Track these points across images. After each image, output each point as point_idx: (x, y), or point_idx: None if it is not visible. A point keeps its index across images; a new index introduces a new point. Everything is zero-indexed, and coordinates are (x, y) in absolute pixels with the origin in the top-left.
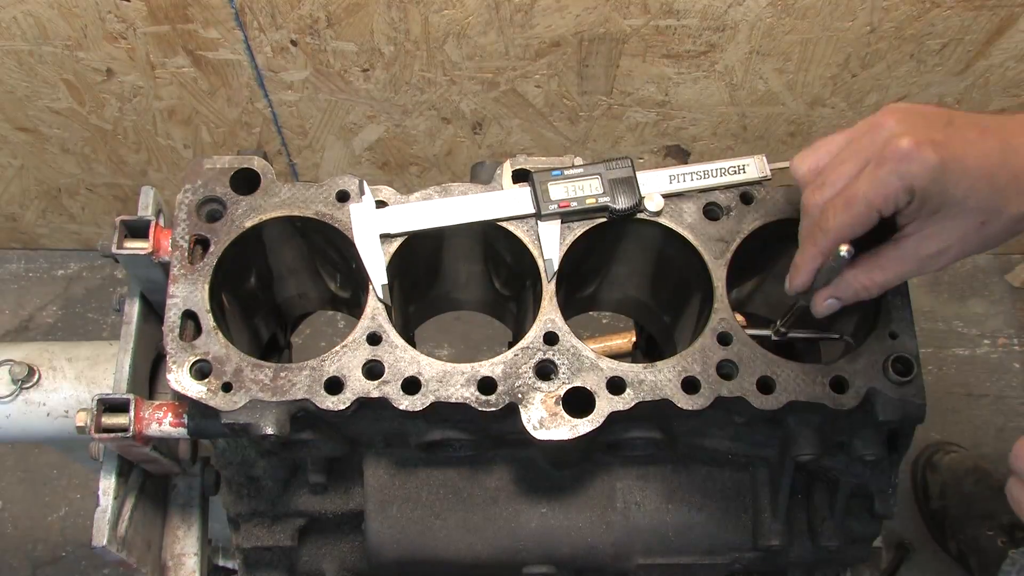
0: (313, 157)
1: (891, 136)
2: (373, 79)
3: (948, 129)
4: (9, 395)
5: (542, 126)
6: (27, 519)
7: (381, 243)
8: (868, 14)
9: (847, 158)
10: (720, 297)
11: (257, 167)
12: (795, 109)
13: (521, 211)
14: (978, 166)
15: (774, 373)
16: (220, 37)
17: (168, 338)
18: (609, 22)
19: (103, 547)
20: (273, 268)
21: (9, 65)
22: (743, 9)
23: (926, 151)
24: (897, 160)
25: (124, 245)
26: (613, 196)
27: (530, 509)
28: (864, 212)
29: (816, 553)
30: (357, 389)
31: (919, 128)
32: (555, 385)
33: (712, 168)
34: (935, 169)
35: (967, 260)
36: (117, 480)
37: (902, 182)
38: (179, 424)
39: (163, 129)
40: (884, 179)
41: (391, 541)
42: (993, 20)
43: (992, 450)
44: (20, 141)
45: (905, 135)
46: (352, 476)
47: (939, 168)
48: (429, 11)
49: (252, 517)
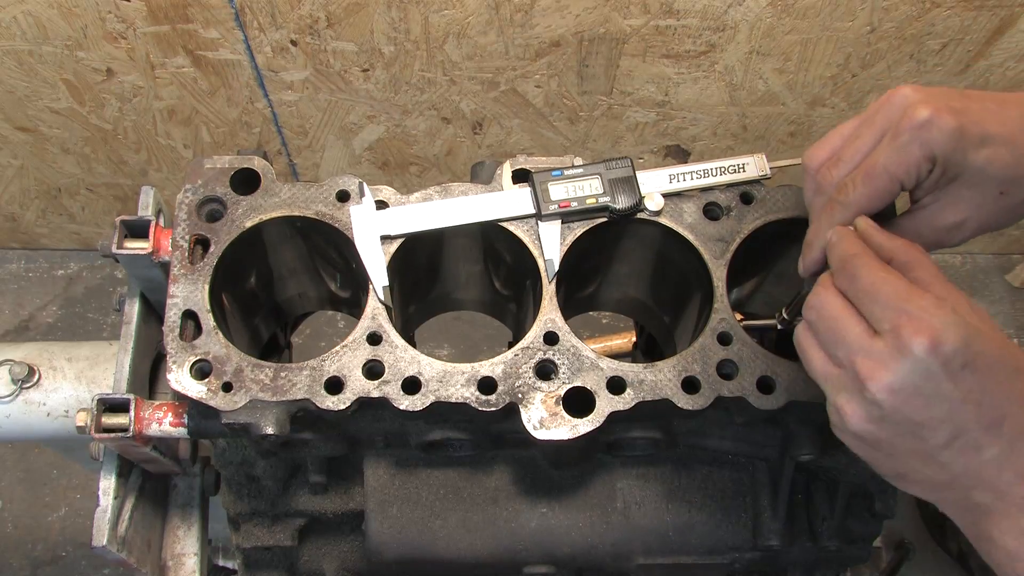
0: (313, 157)
1: (908, 105)
2: (373, 79)
3: (965, 99)
4: (9, 395)
5: (542, 126)
6: (27, 519)
7: (381, 244)
8: (868, 14)
9: (862, 133)
10: (720, 297)
11: (257, 167)
12: (795, 109)
13: (521, 211)
14: (999, 132)
15: (774, 373)
16: (220, 37)
17: (168, 338)
18: (609, 22)
19: (103, 547)
20: (273, 268)
21: (9, 65)
22: (743, 9)
23: (945, 117)
24: (916, 128)
25: (124, 245)
26: (613, 196)
27: (530, 509)
28: (886, 184)
29: (816, 553)
30: (357, 389)
31: (936, 97)
32: (555, 385)
33: (712, 167)
34: (955, 134)
35: (967, 260)
36: (117, 480)
37: (923, 150)
38: (179, 424)
39: (163, 129)
40: (904, 148)
41: (391, 541)
42: (993, 20)
43: None
44: (20, 141)
45: (922, 104)
46: (352, 476)
47: (959, 133)
48: (429, 11)
49: (252, 517)
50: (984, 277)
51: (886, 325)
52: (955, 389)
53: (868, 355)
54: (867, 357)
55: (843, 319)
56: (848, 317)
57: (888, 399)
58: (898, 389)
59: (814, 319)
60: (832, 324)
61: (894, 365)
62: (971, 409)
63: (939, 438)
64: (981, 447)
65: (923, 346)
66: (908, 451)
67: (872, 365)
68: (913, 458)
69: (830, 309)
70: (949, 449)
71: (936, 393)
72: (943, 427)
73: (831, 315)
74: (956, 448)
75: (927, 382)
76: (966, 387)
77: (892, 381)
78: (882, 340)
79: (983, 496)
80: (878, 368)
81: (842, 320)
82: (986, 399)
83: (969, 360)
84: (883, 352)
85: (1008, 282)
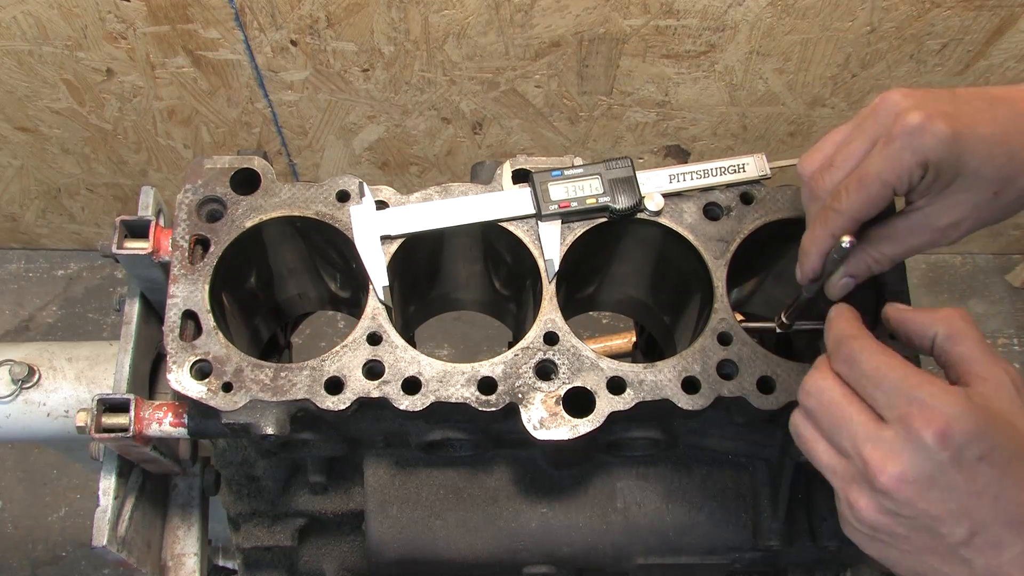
0: (313, 157)
1: (899, 112)
2: (373, 79)
3: (955, 101)
4: (9, 395)
5: (542, 126)
6: (27, 519)
7: (381, 244)
8: (868, 14)
9: (855, 138)
10: (720, 297)
11: (257, 167)
12: (795, 109)
13: (521, 211)
14: (992, 132)
15: (774, 373)
16: (220, 37)
17: (168, 338)
18: (609, 22)
19: (103, 547)
20: (273, 268)
21: (9, 65)
22: (743, 9)
23: (937, 123)
24: (908, 135)
25: (124, 245)
26: (613, 196)
27: (530, 509)
28: (878, 191)
29: (816, 553)
30: (357, 389)
31: (926, 102)
32: (555, 385)
33: (712, 167)
34: (948, 140)
35: (967, 260)
36: (117, 480)
37: (915, 157)
38: (179, 424)
39: (163, 129)
40: (897, 155)
41: (391, 541)
42: (993, 20)
43: None
44: (20, 141)
45: (913, 109)
46: (352, 476)
47: (952, 139)
48: (429, 11)
49: (252, 517)
50: (984, 277)
51: (894, 413)
52: (970, 482)
53: (877, 444)
54: (876, 446)
55: (845, 406)
56: (851, 404)
57: (900, 489)
58: (911, 480)
59: (814, 407)
60: (835, 412)
61: (905, 455)
62: (988, 503)
63: (957, 534)
64: (1002, 545)
65: (933, 436)
66: (925, 548)
67: (882, 455)
68: (931, 556)
69: (831, 395)
70: (969, 547)
71: (951, 486)
72: (961, 522)
73: (832, 401)
74: (976, 546)
75: (941, 474)
76: (983, 481)
77: (904, 471)
78: (890, 428)
79: None
80: (888, 458)
81: (845, 407)
82: (1005, 493)
83: (986, 453)
84: (893, 440)
85: (1008, 282)
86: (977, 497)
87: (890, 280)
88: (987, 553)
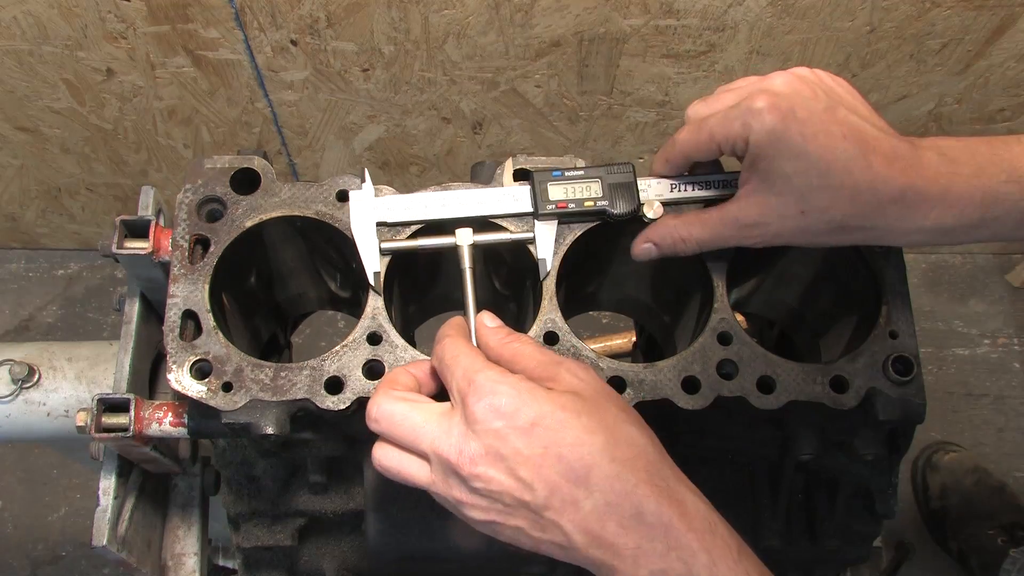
0: (313, 157)
1: (760, 90)
2: (373, 79)
3: (822, 112)
4: (9, 395)
5: (542, 126)
6: (27, 519)
7: (377, 231)
8: (868, 14)
9: (731, 90)
10: (720, 297)
11: (257, 167)
12: None
13: (519, 209)
14: (820, 157)
15: (774, 373)
16: (220, 37)
17: (168, 338)
18: (609, 22)
19: (103, 547)
20: (273, 268)
21: (9, 65)
22: (743, 9)
23: (772, 116)
24: (745, 111)
25: (124, 245)
26: (612, 200)
27: None
28: (706, 140)
29: (816, 553)
30: (357, 389)
31: (796, 96)
32: None
33: (715, 179)
34: (771, 135)
35: (967, 260)
36: (117, 480)
37: (743, 130)
38: (179, 424)
39: (163, 129)
40: (731, 119)
41: (391, 541)
42: (993, 20)
43: (992, 450)
44: (20, 141)
45: (767, 94)
46: (352, 476)
47: (775, 135)
48: (429, 11)
49: (252, 517)
50: (984, 277)
51: (458, 397)
52: (531, 446)
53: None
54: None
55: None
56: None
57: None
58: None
59: (386, 429)
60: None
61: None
62: (553, 464)
63: (539, 499)
64: (578, 500)
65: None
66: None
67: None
68: (533, 529)
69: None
70: (551, 510)
71: (516, 454)
72: (536, 486)
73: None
74: (556, 507)
75: (503, 444)
76: (541, 443)
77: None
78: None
79: (601, 553)
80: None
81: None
82: (564, 452)
83: (538, 419)
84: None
85: (1008, 282)
86: (542, 459)
87: (890, 280)
88: (568, 511)
